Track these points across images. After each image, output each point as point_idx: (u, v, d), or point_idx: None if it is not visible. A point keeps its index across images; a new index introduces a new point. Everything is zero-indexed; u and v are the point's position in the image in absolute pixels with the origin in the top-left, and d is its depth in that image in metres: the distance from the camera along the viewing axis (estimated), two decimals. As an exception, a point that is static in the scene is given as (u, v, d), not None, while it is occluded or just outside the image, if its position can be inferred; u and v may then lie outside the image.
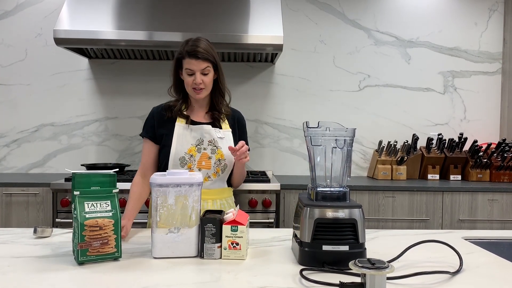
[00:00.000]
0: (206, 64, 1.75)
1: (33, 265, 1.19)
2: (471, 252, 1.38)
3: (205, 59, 1.74)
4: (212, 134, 1.82)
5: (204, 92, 1.80)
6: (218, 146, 1.81)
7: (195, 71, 1.74)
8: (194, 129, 1.82)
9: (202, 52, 1.74)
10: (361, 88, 3.48)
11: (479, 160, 3.12)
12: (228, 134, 1.87)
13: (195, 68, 1.74)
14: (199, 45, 1.75)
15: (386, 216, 2.85)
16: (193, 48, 1.73)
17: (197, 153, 1.80)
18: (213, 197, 1.83)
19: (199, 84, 1.76)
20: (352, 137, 1.29)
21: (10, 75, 3.30)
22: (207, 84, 1.78)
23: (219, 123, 1.88)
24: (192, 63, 1.73)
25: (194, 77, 1.75)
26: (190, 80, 1.76)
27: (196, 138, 1.81)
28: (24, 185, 2.72)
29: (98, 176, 1.25)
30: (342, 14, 3.45)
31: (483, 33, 3.50)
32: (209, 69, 1.77)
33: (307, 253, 1.20)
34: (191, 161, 1.79)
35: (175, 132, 1.81)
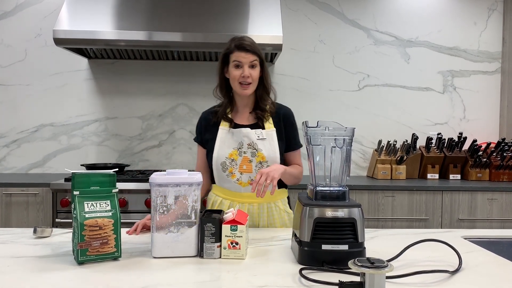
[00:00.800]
0: (254, 57, 1.74)
1: (33, 265, 1.19)
2: (471, 251, 1.38)
3: (254, 52, 1.74)
4: (251, 137, 1.76)
5: (251, 88, 1.76)
6: (258, 149, 1.76)
7: (243, 64, 1.72)
8: (235, 132, 1.79)
9: (250, 45, 1.74)
10: (361, 88, 3.48)
11: (479, 159, 3.12)
12: (271, 134, 1.80)
13: (243, 60, 1.72)
14: (246, 39, 1.77)
15: (386, 215, 2.85)
16: (241, 42, 1.74)
17: (238, 157, 1.76)
18: (259, 200, 1.76)
19: (247, 78, 1.72)
20: (351, 136, 1.30)
21: (10, 75, 3.30)
22: (254, 78, 1.75)
23: (263, 123, 1.82)
24: (240, 56, 1.72)
25: (242, 70, 1.72)
26: (238, 74, 1.73)
27: (237, 142, 1.77)
28: (24, 185, 2.72)
29: (97, 176, 1.25)
30: (342, 14, 3.45)
31: (483, 32, 3.51)
32: (256, 63, 1.75)
33: (307, 253, 1.20)
34: (232, 166, 1.76)
35: (218, 137, 1.80)
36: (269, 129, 1.81)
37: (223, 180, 1.79)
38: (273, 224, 1.79)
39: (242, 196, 1.78)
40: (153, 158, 3.39)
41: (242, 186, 1.77)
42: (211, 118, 1.85)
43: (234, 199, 1.78)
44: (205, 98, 3.36)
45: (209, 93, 3.36)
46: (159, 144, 3.39)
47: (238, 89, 1.76)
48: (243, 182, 1.76)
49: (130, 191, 2.69)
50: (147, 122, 3.38)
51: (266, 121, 1.82)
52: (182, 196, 1.27)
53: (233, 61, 1.74)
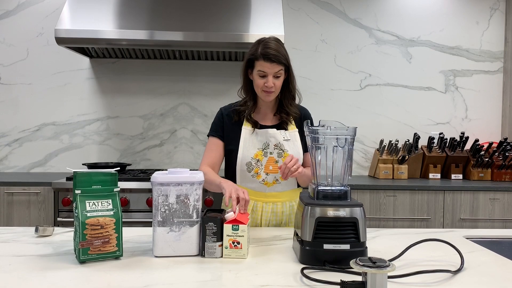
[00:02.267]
0: (280, 67, 1.71)
1: (34, 263, 1.19)
2: (473, 251, 1.38)
3: (279, 62, 1.70)
4: (277, 138, 1.78)
5: (274, 95, 1.77)
6: (285, 149, 1.78)
7: (268, 74, 1.70)
8: (260, 133, 1.79)
9: (277, 55, 1.69)
10: (362, 87, 3.48)
11: (481, 159, 3.12)
12: (294, 134, 1.83)
13: (268, 71, 1.70)
14: (273, 47, 1.70)
15: (387, 215, 2.85)
16: (268, 51, 1.69)
17: (263, 157, 1.77)
18: (283, 199, 1.79)
19: (270, 88, 1.72)
20: (353, 136, 1.29)
21: (12, 74, 3.31)
22: (278, 87, 1.75)
23: (286, 125, 1.84)
24: (265, 66, 1.69)
25: (266, 79, 1.71)
26: (261, 83, 1.72)
27: (262, 142, 1.78)
28: (26, 184, 2.72)
29: (99, 175, 1.25)
30: (343, 13, 3.45)
31: (485, 32, 3.50)
32: (281, 72, 1.73)
33: (308, 252, 1.20)
34: (257, 166, 1.76)
35: (242, 137, 1.79)
36: (292, 130, 1.84)
37: (247, 180, 1.78)
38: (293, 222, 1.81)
39: (266, 196, 1.78)
40: (154, 157, 3.39)
41: (268, 186, 1.77)
42: (232, 116, 1.83)
43: (258, 199, 1.78)
44: (207, 98, 3.37)
45: (211, 92, 3.39)
46: (160, 144, 3.39)
47: (261, 95, 1.77)
48: (268, 183, 1.77)
49: (132, 190, 2.69)
50: (149, 122, 3.38)
51: (289, 123, 1.85)
52: (184, 195, 1.27)
53: (258, 70, 1.71)
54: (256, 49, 1.72)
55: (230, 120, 1.83)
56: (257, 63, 1.72)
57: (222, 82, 3.39)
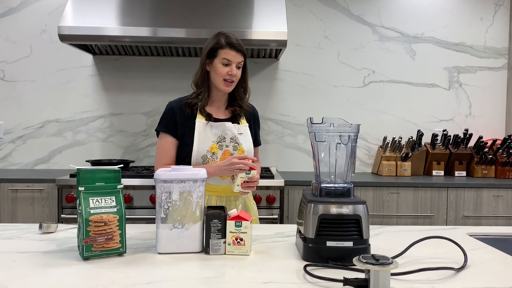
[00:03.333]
0: (242, 58, 1.78)
1: (38, 260, 1.19)
2: (476, 248, 1.37)
3: (243, 53, 1.78)
4: (233, 131, 1.82)
5: (233, 85, 1.81)
6: (239, 143, 1.81)
7: (232, 62, 1.76)
8: (215, 126, 1.81)
9: (241, 45, 1.78)
10: (366, 84, 3.47)
11: (484, 156, 3.10)
12: (246, 129, 1.88)
13: (233, 59, 1.75)
14: (236, 38, 1.79)
15: (391, 212, 2.84)
16: (233, 40, 1.76)
17: (218, 150, 1.79)
18: (236, 193, 1.79)
19: (233, 76, 1.77)
20: (356, 133, 1.29)
21: (15, 71, 3.32)
22: (238, 78, 1.80)
23: (239, 119, 1.88)
24: (231, 54, 1.75)
25: (230, 68, 1.76)
26: (225, 71, 1.76)
27: (217, 135, 1.80)
28: (30, 181, 2.73)
29: (102, 171, 1.25)
30: (347, 10, 3.44)
31: (489, 28, 3.48)
32: (242, 63, 1.80)
33: (311, 249, 1.20)
34: (213, 159, 1.78)
35: (196, 130, 1.80)
36: (244, 124, 1.89)
37: None
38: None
39: (220, 189, 1.80)
40: (157, 154, 3.39)
41: (223, 179, 1.79)
42: (185, 110, 1.83)
43: (213, 193, 1.80)
44: (210, 94, 3.37)
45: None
46: (163, 140, 3.39)
47: (221, 85, 1.79)
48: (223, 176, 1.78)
49: (135, 187, 2.70)
50: (152, 118, 3.39)
51: (241, 117, 1.89)
52: (187, 192, 1.27)
53: (223, 58, 1.76)
54: (220, 39, 1.78)
55: (182, 113, 1.83)
56: (221, 52, 1.76)
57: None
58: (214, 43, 1.78)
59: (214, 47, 1.77)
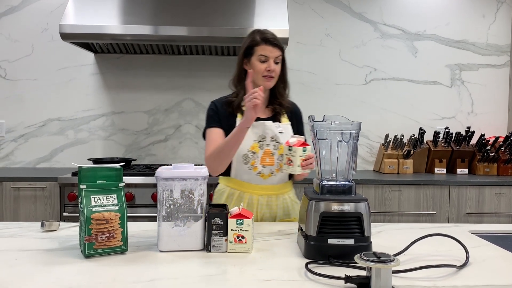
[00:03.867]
0: (280, 52, 1.76)
1: (40, 258, 1.20)
2: (478, 245, 1.37)
3: (280, 47, 1.76)
4: (273, 130, 1.78)
5: (274, 81, 1.79)
6: (280, 142, 1.78)
7: (269, 58, 1.74)
8: (256, 125, 1.77)
9: (277, 39, 1.76)
10: (367, 82, 3.46)
11: (487, 153, 3.10)
12: (287, 127, 1.84)
13: (270, 54, 1.74)
14: (271, 33, 1.77)
15: (392, 210, 2.84)
16: (269, 36, 1.75)
17: (259, 149, 1.76)
18: (277, 192, 1.80)
19: (272, 72, 1.74)
20: (357, 130, 1.29)
21: (17, 70, 3.32)
22: (277, 73, 1.78)
23: (280, 117, 1.85)
24: (267, 50, 1.74)
25: (268, 64, 1.74)
26: (263, 67, 1.74)
27: (258, 135, 1.77)
28: (32, 180, 2.74)
29: (104, 170, 1.26)
30: (348, 7, 3.43)
31: (491, 25, 3.47)
32: (280, 58, 1.78)
33: (313, 247, 1.20)
34: (254, 158, 1.76)
35: None
36: (285, 123, 1.85)
37: (243, 172, 1.78)
38: (288, 215, 1.82)
39: (262, 188, 1.78)
40: (159, 153, 3.40)
41: (264, 178, 1.77)
42: (226, 108, 1.82)
43: (254, 192, 1.77)
44: (211, 93, 3.37)
45: (215, 88, 3.39)
46: (165, 139, 3.40)
47: (261, 81, 1.76)
48: (264, 175, 1.77)
49: (137, 185, 2.70)
50: (154, 117, 3.39)
51: (282, 115, 1.85)
52: (188, 190, 1.28)
53: (259, 55, 1.74)
54: (255, 36, 1.76)
55: (224, 112, 1.82)
56: (257, 49, 1.74)
57: (226, 77, 3.34)
58: (250, 41, 1.77)
59: (250, 45, 1.76)
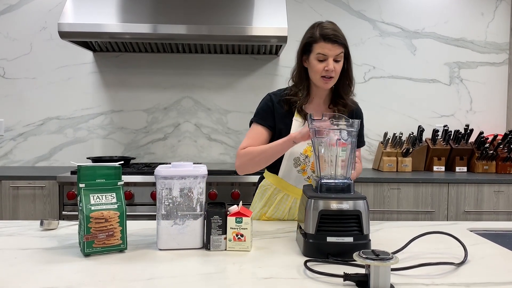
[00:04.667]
0: (341, 49, 1.59)
1: (39, 257, 1.20)
2: (476, 243, 1.38)
3: (341, 43, 1.58)
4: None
5: (333, 82, 1.64)
6: None
7: (328, 57, 1.58)
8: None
9: (337, 35, 1.58)
10: (366, 80, 3.46)
11: (485, 151, 3.10)
12: None
13: (329, 53, 1.57)
14: (332, 27, 1.59)
15: (391, 208, 2.85)
16: (329, 31, 1.58)
17: (312, 153, 1.60)
18: None
19: (331, 72, 1.59)
20: (356, 129, 1.29)
21: (16, 69, 3.32)
22: (338, 72, 1.62)
23: None
24: (326, 47, 1.57)
25: (327, 63, 1.58)
26: (321, 67, 1.59)
27: None
28: (31, 178, 2.74)
29: (103, 168, 1.26)
30: (347, 5, 3.43)
31: (490, 23, 3.47)
32: (342, 55, 1.61)
33: (312, 245, 1.20)
34: (305, 163, 1.66)
35: (292, 130, 1.65)
36: None
37: (291, 174, 1.68)
38: None
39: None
40: (158, 151, 3.40)
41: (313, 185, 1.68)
42: (283, 105, 1.69)
43: (299, 197, 1.65)
44: (210, 91, 3.37)
45: (214, 86, 3.39)
46: (164, 137, 3.40)
47: (319, 82, 1.64)
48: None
49: (136, 183, 2.70)
50: (153, 115, 3.39)
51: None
52: (187, 189, 1.28)
53: (317, 53, 1.59)
54: (313, 32, 1.62)
55: (281, 108, 1.69)
56: (316, 46, 1.60)
57: (225, 76, 3.39)
58: (308, 37, 1.63)
59: (308, 42, 1.62)
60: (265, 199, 1.75)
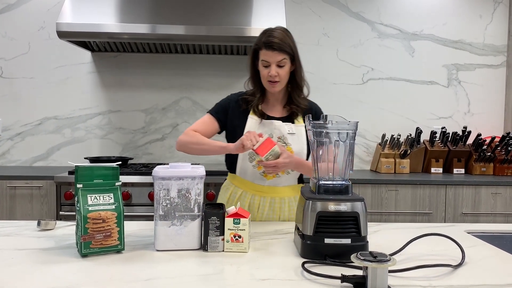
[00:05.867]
0: (282, 56, 1.68)
1: (36, 257, 1.19)
2: (474, 245, 1.38)
3: (282, 50, 1.67)
4: (282, 130, 1.75)
5: (279, 86, 1.74)
6: (288, 143, 1.74)
7: (270, 63, 1.69)
8: (266, 124, 1.76)
9: (279, 43, 1.67)
10: (365, 81, 3.47)
11: (483, 153, 3.11)
12: (300, 129, 1.78)
13: (270, 60, 1.68)
14: (276, 35, 1.68)
15: (389, 209, 2.85)
16: (270, 39, 1.67)
17: None
18: (282, 195, 1.77)
19: (274, 77, 1.69)
20: (354, 130, 1.29)
21: (14, 68, 3.31)
22: (283, 77, 1.72)
23: (294, 118, 1.80)
24: (268, 55, 1.68)
25: (269, 69, 1.69)
26: (266, 73, 1.71)
27: (267, 134, 1.74)
28: (28, 178, 2.73)
29: (101, 169, 1.25)
30: (346, 7, 3.43)
31: (488, 25, 3.48)
32: (286, 61, 1.70)
33: (309, 246, 1.20)
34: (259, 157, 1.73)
35: (247, 126, 1.76)
36: (299, 124, 1.80)
37: (247, 170, 1.76)
38: (294, 217, 1.78)
39: (264, 189, 1.76)
40: (156, 152, 3.39)
41: (267, 179, 1.75)
42: (241, 104, 1.80)
43: (256, 192, 1.76)
44: (208, 92, 3.37)
45: (212, 86, 3.39)
46: (162, 138, 3.40)
47: (267, 86, 1.75)
48: (268, 175, 1.74)
49: (134, 184, 2.70)
50: (151, 116, 3.38)
51: (297, 116, 1.81)
52: (185, 190, 1.28)
53: (262, 60, 1.70)
54: (260, 39, 1.72)
55: (238, 107, 1.80)
56: (260, 53, 1.71)
57: (224, 76, 3.39)
58: (255, 44, 1.73)
59: (255, 48, 1.73)
60: (226, 199, 1.82)
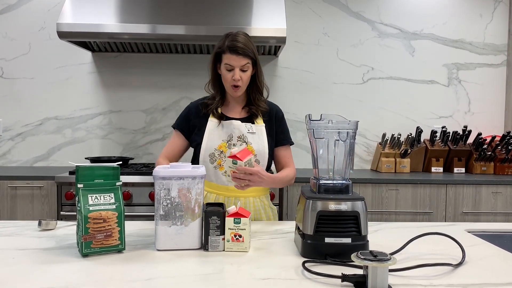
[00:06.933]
0: (246, 60, 1.72)
1: (37, 257, 1.20)
2: (474, 244, 1.38)
3: (246, 55, 1.71)
4: (241, 130, 1.77)
5: (241, 90, 1.77)
6: (248, 142, 1.77)
7: (234, 67, 1.71)
8: (226, 125, 1.79)
9: (243, 48, 1.70)
10: (365, 81, 3.47)
11: (483, 152, 3.11)
12: (260, 129, 1.81)
13: (235, 64, 1.71)
14: (240, 40, 1.72)
15: (390, 208, 2.85)
16: (234, 43, 1.70)
17: (227, 149, 1.76)
18: (246, 194, 1.77)
19: (237, 81, 1.72)
20: (354, 130, 1.29)
21: (14, 69, 3.31)
22: (245, 81, 1.76)
23: (254, 119, 1.83)
24: (232, 59, 1.70)
25: (233, 73, 1.72)
26: (229, 76, 1.73)
27: (227, 134, 1.78)
28: (29, 179, 2.73)
29: (101, 169, 1.26)
30: (346, 6, 3.43)
31: (488, 24, 3.47)
32: (249, 65, 1.74)
33: (310, 246, 1.20)
34: (220, 158, 1.76)
35: (207, 128, 1.79)
36: (259, 124, 1.83)
37: (209, 171, 1.77)
38: (259, 218, 1.80)
39: (228, 190, 1.77)
40: (157, 152, 3.40)
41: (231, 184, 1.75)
42: (200, 109, 1.84)
43: (220, 193, 1.78)
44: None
45: (213, 86, 3.37)
46: (163, 138, 3.40)
47: (229, 90, 1.78)
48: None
49: (134, 184, 2.70)
50: (151, 116, 3.39)
51: (256, 117, 1.84)
52: (186, 189, 1.28)
53: (225, 63, 1.73)
54: (224, 42, 1.73)
55: (198, 113, 1.84)
56: (224, 56, 1.72)
57: (224, 76, 3.38)
58: (218, 47, 1.75)
59: (218, 52, 1.75)
60: None
